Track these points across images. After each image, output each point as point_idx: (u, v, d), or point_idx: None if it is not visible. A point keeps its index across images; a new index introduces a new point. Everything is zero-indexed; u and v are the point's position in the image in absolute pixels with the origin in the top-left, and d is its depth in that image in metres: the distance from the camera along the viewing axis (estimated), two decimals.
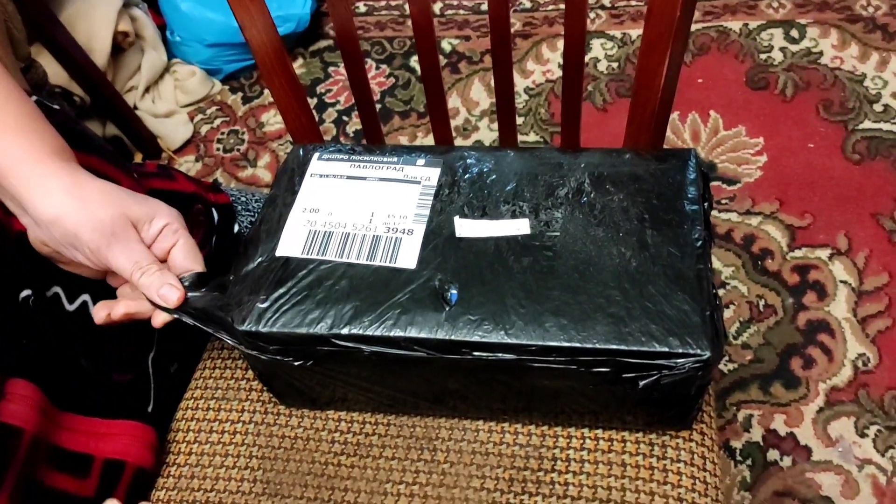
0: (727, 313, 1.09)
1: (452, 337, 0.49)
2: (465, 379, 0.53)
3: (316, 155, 0.61)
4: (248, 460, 0.60)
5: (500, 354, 0.49)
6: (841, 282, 1.10)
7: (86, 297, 0.58)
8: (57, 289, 0.56)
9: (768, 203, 1.19)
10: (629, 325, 0.48)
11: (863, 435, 0.97)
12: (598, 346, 0.48)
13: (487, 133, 1.35)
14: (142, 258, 0.52)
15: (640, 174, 0.57)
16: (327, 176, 0.60)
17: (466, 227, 0.55)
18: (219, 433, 0.61)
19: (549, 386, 0.52)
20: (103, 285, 0.58)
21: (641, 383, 0.48)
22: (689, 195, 0.55)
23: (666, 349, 0.47)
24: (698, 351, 0.47)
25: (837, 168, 1.21)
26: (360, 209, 0.57)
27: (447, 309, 0.50)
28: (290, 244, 0.55)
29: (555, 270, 0.52)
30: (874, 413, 0.99)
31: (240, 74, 1.54)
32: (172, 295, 0.51)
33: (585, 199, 0.56)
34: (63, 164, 0.51)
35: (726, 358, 1.06)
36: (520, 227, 0.54)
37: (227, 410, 0.62)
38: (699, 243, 0.52)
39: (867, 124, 1.25)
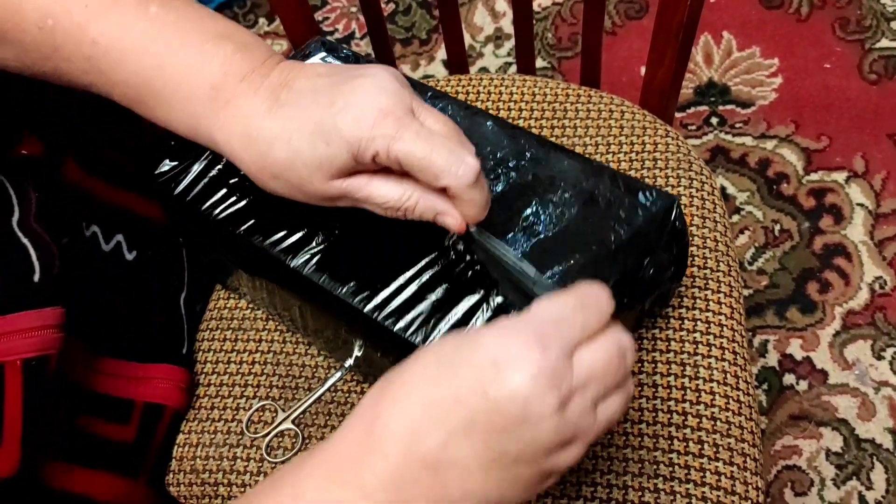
0: (742, 239, 1.07)
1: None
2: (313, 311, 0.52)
3: (321, 55, 0.57)
4: (268, 390, 0.58)
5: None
6: (857, 205, 1.08)
7: (119, 237, 0.56)
8: (95, 228, 0.54)
9: (783, 126, 1.16)
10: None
11: (879, 357, 0.97)
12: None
13: (493, 59, 1.30)
14: (392, 194, 0.41)
15: (604, 211, 0.48)
16: None
17: None
18: (237, 363, 0.60)
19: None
20: (137, 225, 0.56)
21: None
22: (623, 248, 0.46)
23: None
24: None
25: (854, 89, 1.18)
26: None
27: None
28: None
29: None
30: (891, 336, 0.98)
31: (233, 3, 1.48)
32: (451, 221, 0.41)
33: (514, 202, 0.48)
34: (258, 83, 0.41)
35: (741, 284, 1.04)
36: None
37: (245, 341, 0.61)
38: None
39: (884, 43, 1.22)
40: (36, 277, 0.44)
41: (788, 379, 0.97)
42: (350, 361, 0.51)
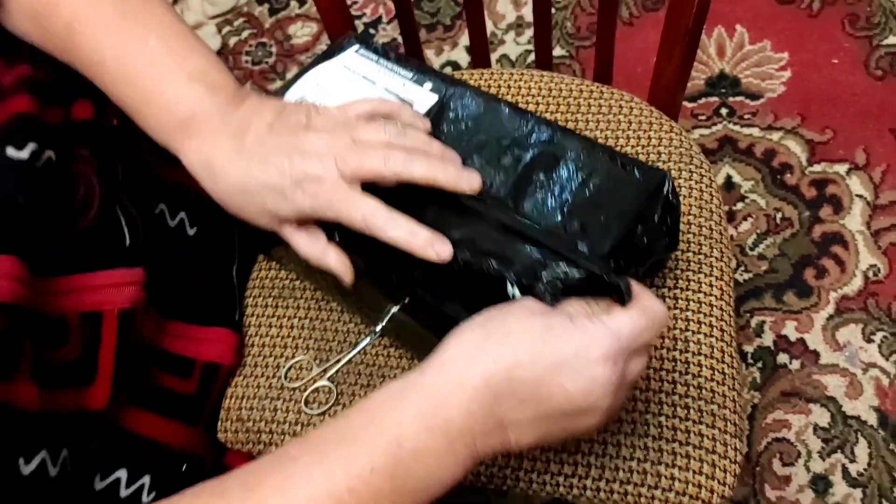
0: (745, 225, 1.13)
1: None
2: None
3: (354, 48, 0.63)
4: (305, 351, 0.65)
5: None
6: (857, 196, 1.13)
7: (182, 214, 0.64)
8: (162, 206, 0.62)
9: (790, 118, 1.21)
10: None
11: (869, 340, 1.03)
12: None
13: (514, 47, 1.36)
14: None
15: (603, 184, 0.54)
16: (348, 69, 0.62)
17: None
18: (278, 327, 0.67)
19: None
20: (197, 202, 0.63)
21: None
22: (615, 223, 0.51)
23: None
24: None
25: (860, 84, 1.23)
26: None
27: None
28: None
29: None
30: (881, 320, 1.04)
31: None
32: (442, 250, 0.47)
33: (527, 177, 0.54)
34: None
35: (742, 268, 1.10)
36: None
37: (284, 307, 0.68)
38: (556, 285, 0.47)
39: (891, 40, 1.26)
40: (127, 242, 0.52)
41: (782, 358, 1.04)
42: (380, 326, 0.59)
